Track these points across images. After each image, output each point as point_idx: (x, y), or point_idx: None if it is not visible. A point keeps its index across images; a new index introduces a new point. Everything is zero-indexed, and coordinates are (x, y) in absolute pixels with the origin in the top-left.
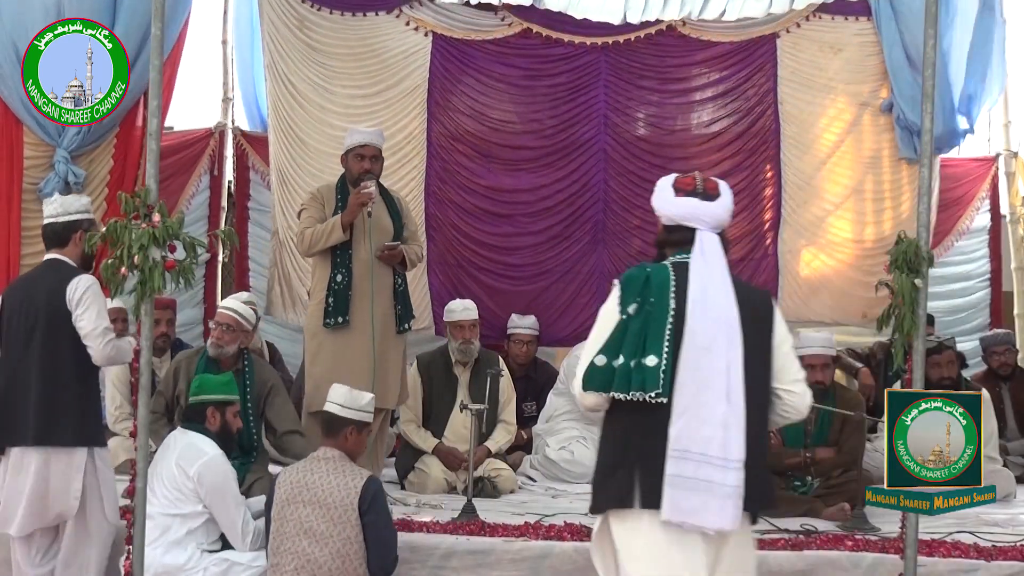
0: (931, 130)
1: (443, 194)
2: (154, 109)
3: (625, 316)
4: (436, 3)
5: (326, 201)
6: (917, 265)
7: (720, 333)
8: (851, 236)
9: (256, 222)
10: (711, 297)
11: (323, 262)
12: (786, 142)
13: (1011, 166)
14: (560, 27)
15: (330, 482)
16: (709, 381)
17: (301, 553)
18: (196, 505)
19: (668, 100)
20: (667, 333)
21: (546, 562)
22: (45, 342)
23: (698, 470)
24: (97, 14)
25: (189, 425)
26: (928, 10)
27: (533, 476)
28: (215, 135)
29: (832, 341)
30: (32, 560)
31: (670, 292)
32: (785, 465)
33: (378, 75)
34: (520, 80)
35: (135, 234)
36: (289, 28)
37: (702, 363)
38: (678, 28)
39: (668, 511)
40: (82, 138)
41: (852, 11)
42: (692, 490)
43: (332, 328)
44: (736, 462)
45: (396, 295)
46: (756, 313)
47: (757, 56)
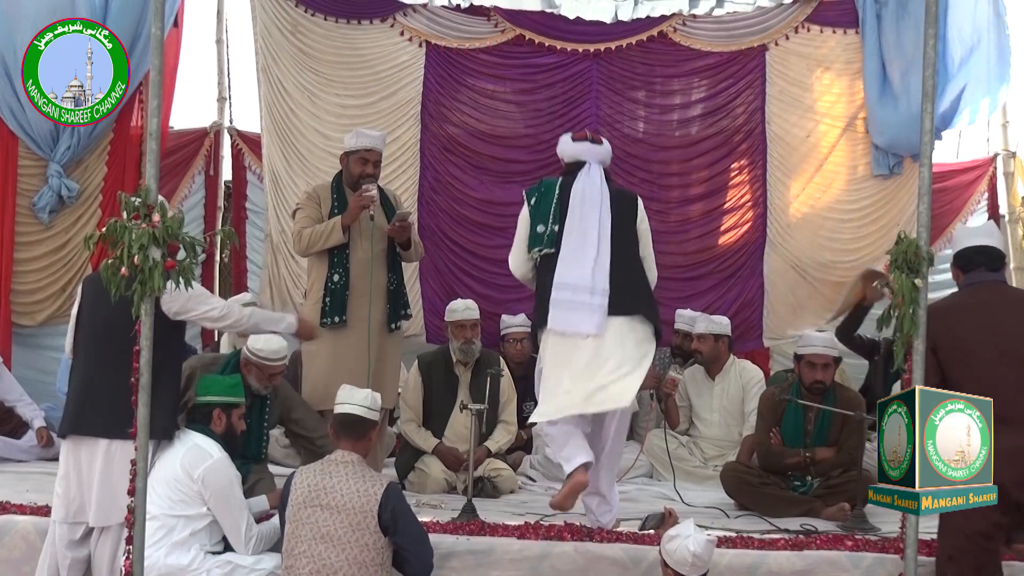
0: (931, 130)
1: (436, 205)
2: (154, 109)
3: (528, 207)
4: (429, 9)
5: (322, 200)
6: (917, 265)
7: (593, 211)
8: (835, 257)
9: (254, 223)
10: (588, 190)
11: (320, 262)
12: (772, 163)
13: (1010, 166)
14: (552, 33)
15: (349, 487)
16: (584, 240)
17: (317, 557)
18: (199, 507)
19: (657, 116)
20: (551, 212)
21: (546, 562)
22: (124, 334)
23: (574, 295)
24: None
25: (193, 426)
26: (928, 10)
27: (533, 476)
28: (210, 135)
29: (834, 341)
30: (74, 544)
31: (556, 189)
32: (785, 465)
33: (371, 86)
34: (513, 95)
35: (135, 234)
36: (282, 32)
37: (578, 229)
38: (669, 35)
39: (552, 323)
40: (72, 152)
41: (840, 22)
42: (568, 309)
43: (329, 328)
44: (601, 290)
45: (390, 294)
46: (624, 202)
47: (746, 72)
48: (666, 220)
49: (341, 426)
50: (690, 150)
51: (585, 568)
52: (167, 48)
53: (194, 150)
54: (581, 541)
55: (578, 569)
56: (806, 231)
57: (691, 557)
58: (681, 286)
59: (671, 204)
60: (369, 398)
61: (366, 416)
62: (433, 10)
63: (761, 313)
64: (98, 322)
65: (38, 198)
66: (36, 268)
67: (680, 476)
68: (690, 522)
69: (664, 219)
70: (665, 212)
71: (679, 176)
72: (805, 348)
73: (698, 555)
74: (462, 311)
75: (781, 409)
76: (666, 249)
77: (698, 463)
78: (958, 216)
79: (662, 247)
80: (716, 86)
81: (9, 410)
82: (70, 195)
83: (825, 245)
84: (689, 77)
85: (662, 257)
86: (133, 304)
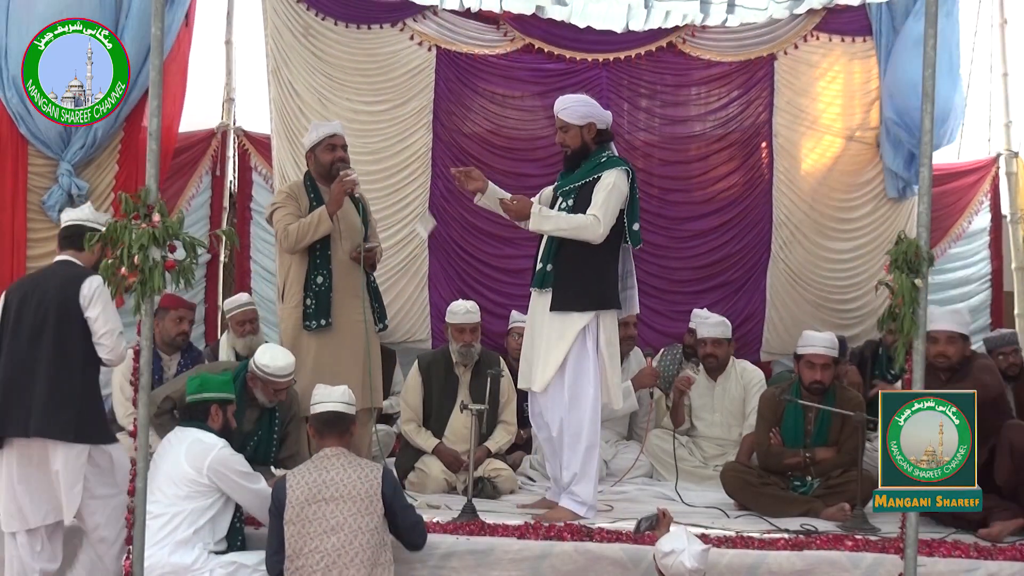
0: (931, 130)
1: (447, 213)
2: (154, 109)
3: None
4: (439, 15)
5: (299, 197)
6: (917, 265)
7: None
8: (836, 272)
9: (258, 223)
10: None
11: (300, 263)
12: (778, 177)
13: (1012, 166)
14: (562, 43)
15: (349, 476)
16: None
17: (330, 550)
18: (206, 499)
19: (666, 127)
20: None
21: (546, 562)
22: (55, 336)
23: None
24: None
25: (190, 423)
26: (928, 10)
27: (533, 476)
28: (217, 135)
29: (834, 342)
30: (35, 554)
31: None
32: (785, 465)
33: (383, 93)
34: (523, 100)
35: (135, 234)
36: (294, 35)
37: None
38: (678, 45)
39: (631, 307)
40: (86, 151)
41: (849, 30)
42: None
43: (314, 331)
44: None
45: (372, 293)
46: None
47: (754, 82)
48: (671, 234)
49: (324, 424)
50: (696, 166)
51: (585, 568)
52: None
53: (201, 150)
54: (581, 541)
55: (578, 569)
56: (808, 245)
57: (689, 573)
58: (687, 299)
59: (676, 220)
60: (346, 394)
61: (345, 412)
62: (443, 16)
63: (762, 328)
64: (30, 326)
65: (48, 196)
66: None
67: (680, 476)
68: (683, 533)
69: (669, 233)
70: (669, 228)
71: (683, 192)
72: (805, 348)
73: (696, 570)
74: (462, 315)
75: (781, 409)
76: (671, 264)
77: (698, 463)
78: (961, 217)
79: (668, 260)
80: (724, 98)
81: None
82: (80, 194)
83: (825, 257)
84: (697, 86)
85: (668, 270)
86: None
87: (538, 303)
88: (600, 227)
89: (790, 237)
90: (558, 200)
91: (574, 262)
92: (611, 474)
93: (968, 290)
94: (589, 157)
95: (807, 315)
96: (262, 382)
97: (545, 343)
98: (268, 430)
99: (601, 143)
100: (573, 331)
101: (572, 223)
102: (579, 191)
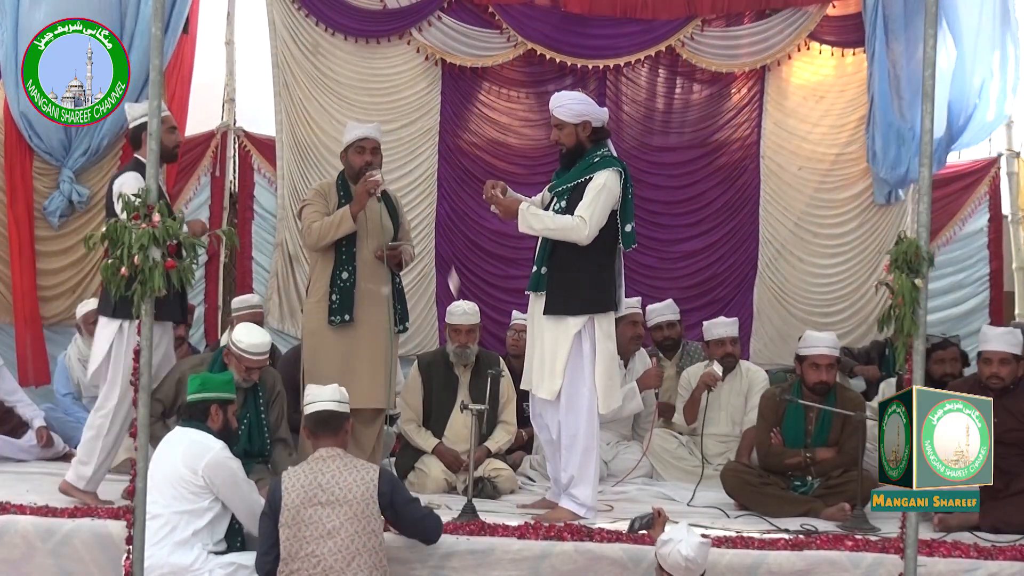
0: (931, 130)
1: (453, 234)
2: (154, 109)
3: (621, 194)
4: (443, 22)
5: (328, 196)
6: (917, 265)
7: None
8: (821, 286)
9: (260, 224)
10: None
11: (325, 260)
12: (764, 197)
13: (1013, 166)
14: (564, 49)
15: (345, 479)
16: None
17: (326, 555)
18: (203, 501)
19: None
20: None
21: (546, 562)
22: None
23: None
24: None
25: (190, 423)
26: (928, 10)
27: (533, 476)
28: (217, 136)
29: (836, 342)
30: None
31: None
32: (785, 465)
33: (390, 113)
34: (525, 111)
35: (135, 234)
36: (304, 52)
37: None
38: (676, 49)
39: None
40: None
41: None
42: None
43: (336, 327)
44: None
45: (396, 294)
46: None
47: (745, 102)
48: (662, 255)
49: (317, 424)
50: (688, 190)
51: (585, 568)
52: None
53: (201, 151)
54: (581, 541)
55: (578, 569)
56: (793, 261)
57: (684, 561)
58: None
59: (665, 243)
60: (338, 392)
61: (338, 410)
62: (447, 23)
63: (749, 342)
64: None
65: (48, 202)
66: (47, 270)
67: (680, 476)
68: (683, 525)
69: (660, 254)
70: (658, 248)
71: (671, 216)
72: (809, 349)
73: (691, 559)
74: (459, 315)
75: (782, 409)
76: (661, 284)
77: (698, 463)
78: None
79: (657, 280)
80: (714, 116)
81: (9, 410)
82: (80, 200)
83: (811, 272)
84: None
85: (656, 291)
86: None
87: (535, 307)
88: (586, 229)
89: (776, 255)
90: (552, 200)
91: (567, 265)
92: (612, 474)
93: (966, 292)
94: (584, 156)
95: (793, 328)
96: (236, 358)
97: (545, 349)
98: (255, 412)
99: (597, 141)
100: (568, 335)
101: (558, 223)
102: (572, 191)
